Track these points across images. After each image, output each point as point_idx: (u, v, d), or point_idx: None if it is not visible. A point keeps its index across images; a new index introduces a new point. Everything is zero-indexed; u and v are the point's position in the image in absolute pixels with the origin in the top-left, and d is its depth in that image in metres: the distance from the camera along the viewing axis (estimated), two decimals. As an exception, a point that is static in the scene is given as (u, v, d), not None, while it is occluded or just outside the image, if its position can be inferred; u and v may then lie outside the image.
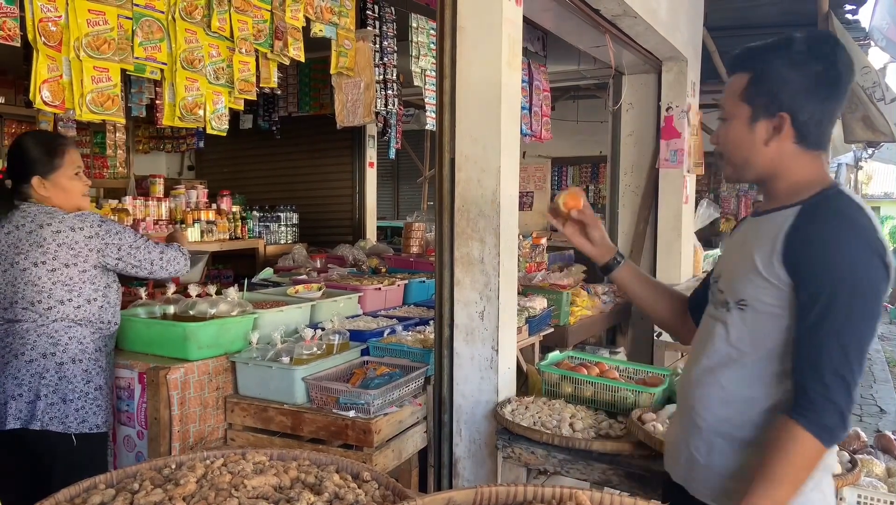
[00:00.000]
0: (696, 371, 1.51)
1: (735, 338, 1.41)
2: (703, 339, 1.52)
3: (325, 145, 6.62)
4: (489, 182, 2.65)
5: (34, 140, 2.34)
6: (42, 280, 2.17)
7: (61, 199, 2.29)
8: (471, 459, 2.76)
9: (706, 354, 1.47)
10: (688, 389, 1.54)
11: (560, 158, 10.72)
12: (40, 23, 2.00)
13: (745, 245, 1.44)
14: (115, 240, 2.26)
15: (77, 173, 2.33)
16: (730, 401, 1.42)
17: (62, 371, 2.19)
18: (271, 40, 2.66)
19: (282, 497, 1.07)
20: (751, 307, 1.38)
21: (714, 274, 1.58)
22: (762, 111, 1.39)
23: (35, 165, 2.26)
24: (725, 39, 5.97)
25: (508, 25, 2.64)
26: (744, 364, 1.40)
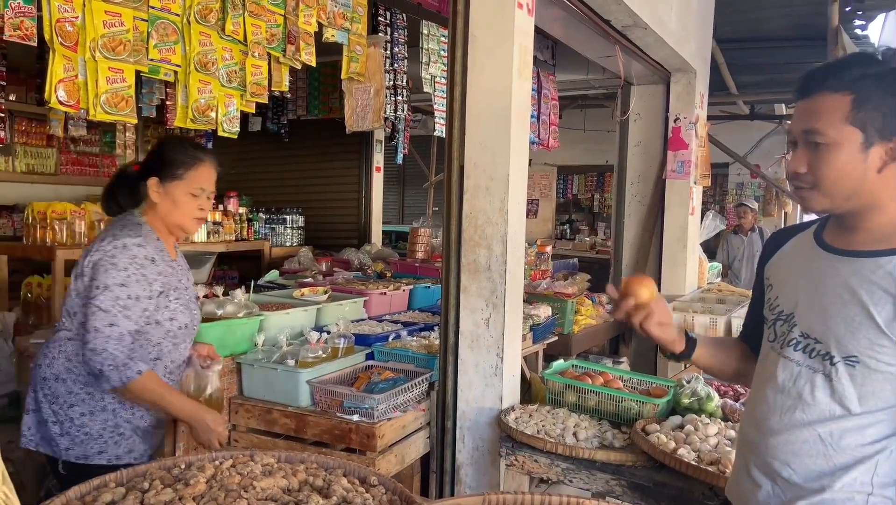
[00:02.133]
0: (785, 421, 1.36)
1: (842, 395, 1.29)
2: (787, 386, 1.37)
3: (332, 149, 6.64)
4: (498, 190, 2.66)
5: (174, 144, 2.18)
6: (70, 287, 1.99)
7: (169, 210, 2.07)
8: (473, 465, 2.76)
9: (801, 408, 1.34)
10: (769, 439, 1.39)
11: (566, 167, 10.75)
12: (57, 23, 2.02)
13: (845, 289, 1.30)
14: (101, 269, 1.90)
15: (197, 194, 2.10)
16: (830, 456, 1.31)
17: (45, 388, 1.95)
18: (284, 44, 2.68)
19: (291, 499, 1.08)
20: (863, 364, 1.26)
21: (781, 309, 1.43)
22: (877, 136, 1.25)
23: (161, 167, 2.09)
24: (734, 52, 5.99)
25: (520, 35, 2.66)
26: (850, 420, 1.30)
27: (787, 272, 1.45)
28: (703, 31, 5.12)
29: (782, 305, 1.42)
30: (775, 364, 1.40)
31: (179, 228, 2.13)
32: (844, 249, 1.34)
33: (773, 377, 1.39)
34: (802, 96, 1.32)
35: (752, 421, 1.46)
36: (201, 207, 2.13)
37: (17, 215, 6.07)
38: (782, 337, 1.40)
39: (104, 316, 1.85)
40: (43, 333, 3.03)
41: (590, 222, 11.00)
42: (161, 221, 2.09)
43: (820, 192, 1.30)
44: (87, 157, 6.74)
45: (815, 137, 1.28)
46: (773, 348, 1.42)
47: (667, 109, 5.15)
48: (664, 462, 2.15)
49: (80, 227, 4.14)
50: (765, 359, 1.46)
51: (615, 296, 1.58)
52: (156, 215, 2.08)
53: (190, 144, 2.25)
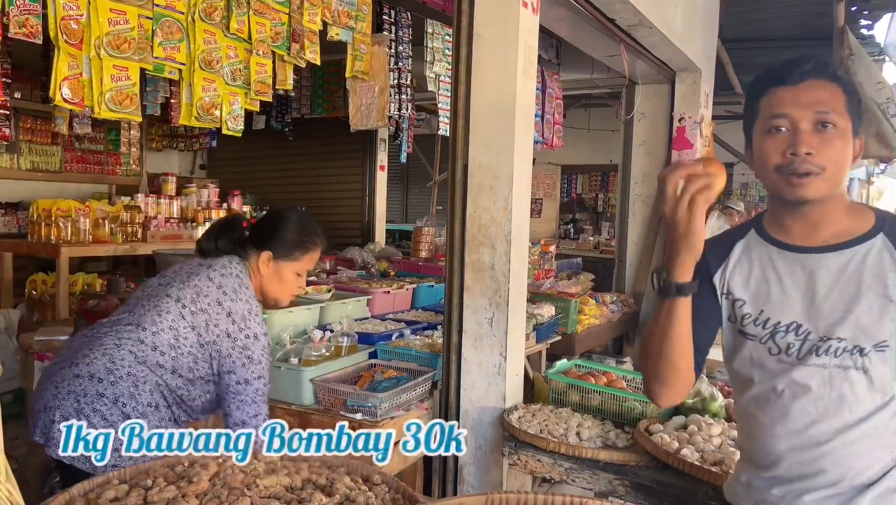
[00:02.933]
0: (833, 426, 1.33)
1: (881, 382, 1.30)
2: (823, 392, 1.34)
3: (336, 148, 6.65)
4: (502, 189, 2.66)
5: (296, 222, 2.15)
6: (162, 315, 1.91)
7: (273, 285, 2.10)
8: (476, 465, 2.76)
9: (848, 407, 1.32)
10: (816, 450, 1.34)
11: (570, 166, 10.73)
12: (62, 21, 2.02)
13: (850, 282, 1.31)
14: (238, 359, 1.93)
15: (302, 275, 2.14)
16: (887, 444, 1.32)
17: (99, 404, 1.82)
18: (288, 43, 2.68)
19: (293, 497, 1.08)
20: (891, 347, 1.29)
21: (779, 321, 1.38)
22: (856, 129, 1.33)
23: (278, 244, 2.08)
24: (739, 51, 5.97)
25: (525, 34, 2.65)
26: (893, 404, 1.31)
27: (759, 284, 1.40)
28: (708, 31, 5.10)
29: (776, 316, 1.38)
30: (800, 376, 1.35)
31: (274, 302, 2.15)
32: (821, 247, 1.34)
33: (802, 389, 1.34)
34: (793, 81, 1.33)
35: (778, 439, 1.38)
36: (300, 286, 2.17)
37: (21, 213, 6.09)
38: (794, 347, 1.36)
39: (250, 409, 1.95)
40: (47, 330, 3.04)
41: (594, 222, 10.98)
42: (255, 285, 2.08)
43: (824, 178, 1.30)
44: (91, 154, 6.77)
45: (827, 119, 1.28)
46: (784, 361, 1.37)
47: (671, 109, 5.14)
48: (667, 462, 2.15)
49: (84, 225, 4.16)
50: (773, 376, 1.38)
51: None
52: (255, 282, 2.08)
53: (312, 224, 2.21)
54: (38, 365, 2.86)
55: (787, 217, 1.38)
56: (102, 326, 1.97)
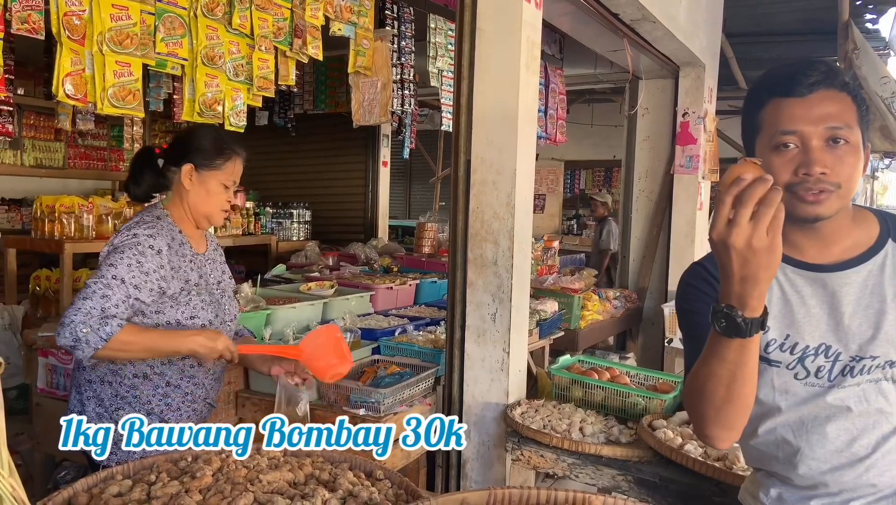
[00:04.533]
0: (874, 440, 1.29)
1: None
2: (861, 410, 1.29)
3: (339, 144, 6.64)
4: (504, 184, 2.65)
5: (209, 132, 2.11)
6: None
7: (201, 199, 2.03)
8: (479, 460, 2.76)
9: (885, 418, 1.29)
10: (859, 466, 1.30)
11: (573, 162, 10.72)
12: (65, 16, 2.02)
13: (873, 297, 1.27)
14: (104, 256, 1.87)
15: (228, 186, 2.07)
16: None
17: (90, 390, 1.91)
18: (291, 38, 2.67)
19: (296, 493, 1.08)
20: None
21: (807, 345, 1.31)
22: (867, 136, 1.27)
23: (196, 154, 2.02)
24: (744, 46, 5.95)
25: (527, 28, 2.64)
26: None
27: (783, 304, 1.33)
28: (712, 25, 5.08)
29: (804, 340, 1.31)
30: (835, 398, 1.30)
31: (206, 219, 2.07)
32: (838, 262, 1.29)
33: (839, 410, 1.29)
34: (802, 93, 1.23)
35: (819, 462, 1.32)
36: (229, 199, 2.10)
37: (25, 209, 6.10)
38: (826, 370, 1.30)
39: (82, 292, 1.76)
40: (51, 326, 3.04)
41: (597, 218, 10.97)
42: (188, 211, 2.03)
43: (839, 195, 1.23)
44: (94, 150, 6.76)
45: (840, 134, 1.21)
46: (815, 385, 1.31)
47: (675, 104, 5.13)
48: (671, 458, 2.15)
49: (87, 221, 4.16)
50: (805, 400, 1.31)
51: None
52: (182, 204, 2.02)
53: (225, 133, 2.19)
54: (41, 361, 2.87)
55: (798, 234, 1.30)
56: None
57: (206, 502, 1.02)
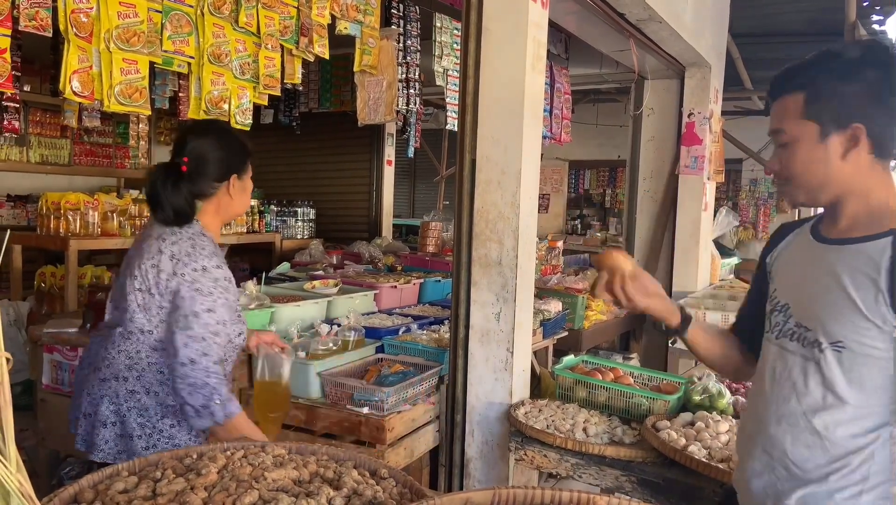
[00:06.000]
0: (782, 411, 1.38)
1: (831, 381, 1.31)
2: (783, 376, 1.39)
3: (343, 142, 6.64)
4: (509, 184, 2.65)
5: (234, 137, 2.02)
6: (129, 297, 1.85)
7: (240, 203, 1.99)
8: (482, 459, 2.76)
9: (796, 396, 1.36)
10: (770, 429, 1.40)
11: (578, 161, 10.71)
12: (72, 14, 2.03)
13: (831, 276, 1.31)
14: (187, 292, 1.79)
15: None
16: (828, 448, 1.32)
17: (132, 400, 1.83)
18: (297, 37, 2.68)
19: (301, 491, 1.08)
20: (848, 349, 1.28)
21: (778, 300, 1.44)
22: (833, 125, 1.31)
23: (236, 165, 1.95)
24: (750, 46, 5.94)
25: (533, 28, 2.64)
26: (844, 410, 1.30)
27: (787, 264, 1.48)
28: (718, 26, 5.07)
29: (780, 296, 1.45)
30: (774, 355, 1.42)
31: (235, 217, 2.04)
32: (831, 238, 1.38)
33: (772, 369, 1.42)
34: (772, 100, 1.43)
35: (754, 412, 1.48)
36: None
37: (31, 205, 6.13)
38: (778, 327, 1.42)
39: (199, 345, 1.76)
40: (56, 322, 3.06)
41: (601, 218, 10.96)
42: (220, 217, 1.98)
43: (794, 186, 1.38)
44: (100, 147, 6.78)
45: (779, 137, 1.38)
46: (771, 339, 1.44)
47: (681, 104, 5.12)
48: (674, 459, 2.14)
49: (93, 218, 4.17)
50: (766, 351, 1.47)
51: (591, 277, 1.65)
52: (218, 212, 1.96)
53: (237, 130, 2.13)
54: (46, 357, 2.88)
55: (825, 211, 1.43)
56: (110, 326, 1.95)
57: (211, 499, 1.02)
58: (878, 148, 1.31)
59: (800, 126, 1.34)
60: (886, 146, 1.32)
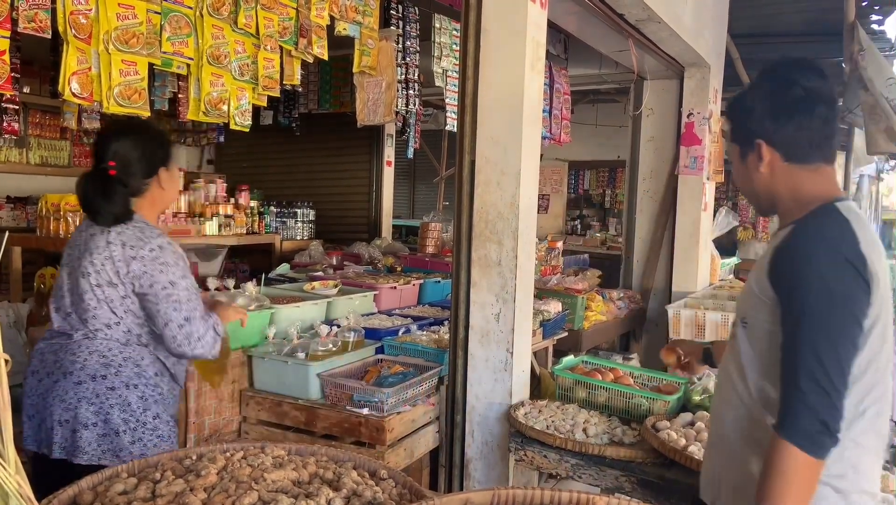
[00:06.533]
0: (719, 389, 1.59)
1: (740, 353, 1.46)
2: (723, 360, 1.59)
3: (343, 143, 6.64)
4: (509, 185, 2.65)
5: (156, 131, 2.09)
6: (87, 295, 1.89)
7: (172, 191, 2.07)
8: (482, 460, 2.76)
9: (726, 371, 1.54)
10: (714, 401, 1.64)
11: (577, 162, 10.70)
12: (71, 15, 2.03)
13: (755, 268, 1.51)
14: (155, 271, 1.88)
15: None
16: (741, 407, 1.46)
17: (112, 397, 1.86)
18: (296, 38, 2.68)
19: (301, 492, 1.08)
20: (750, 325, 1.45)
21: None
22: (746, 145, 1.50)
23: (164, 157, 2.02)
24: (749, 47, 5.93)
25: (533, 28, 2.64)
26: (746, 372, 1.45)
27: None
28: (717, 26, 5.07)
29: None
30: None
31: (169, 206, 2.12)
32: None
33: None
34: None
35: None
36: None
37: (30, 207, 6.12)
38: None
39: (187, 305, 1.91)
40: (56, 324, 3.05)
41: (601, 218, 10.95)
42: (156, 209, 2.06)
43: (747, 199, 1.62)
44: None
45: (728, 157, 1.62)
46: None
47: (680, 104, 5.12)
48: (674, 459, 2.14)
49: (92, 220, 4.16)
50: None
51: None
52: (153, 205, 2.04)
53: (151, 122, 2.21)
54: (46, 358, 2.88)
55: None
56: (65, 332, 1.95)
57: (210, 501, 1.02)
58: (787, 154, 1.44)
59: (731, 149, 1.55)
60: (795, 151, 1.44)
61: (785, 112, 1.43)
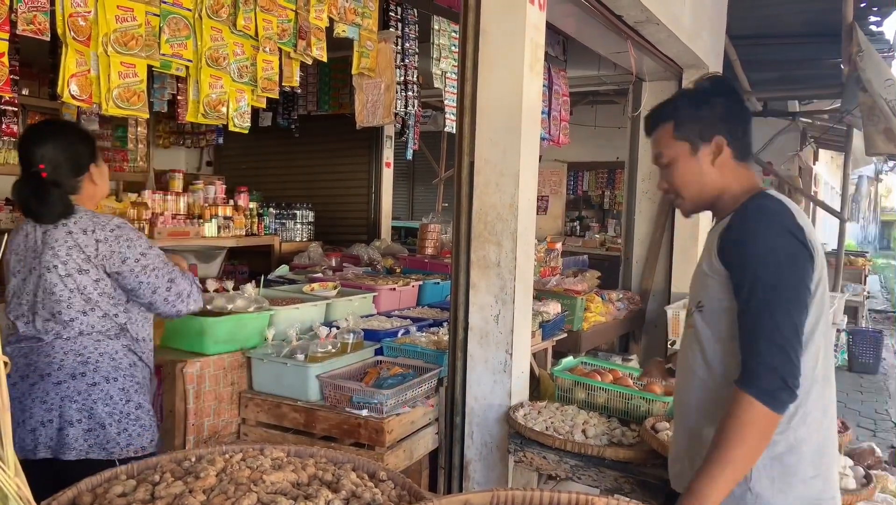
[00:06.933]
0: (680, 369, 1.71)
1: (700, 336, 1.57)
2: (682, 348, 1.71)
3: (342, 144, 6.64)
4: (508, 186, 2.65)
5: (78, 128, 2.17)
6: (58, 287, 1.92)
7: (104, 183, 2.14)
8: (482, 462, 2.76)
9: (686, 359, 1.65)
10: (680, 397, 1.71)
11: (576, 163, 10.71)
12: (70, 17, 2.03)
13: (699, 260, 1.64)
14: (123, 248, 1.96)
15: None
16: (703, 390, 1.57)
17: (94, 393, 1.92)
18: (295, 40, 2.68)
19: (300, 493, 1.08)
20: (707, 306, 1.56)
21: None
22: (699, 140, 1.61)
23: (91, 151, 2.08)
24: (748, 48, 5.94)
25: (531, 30, 2.65)
26: (707, 355, 1.56)
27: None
28: (716, 27, 5.08)
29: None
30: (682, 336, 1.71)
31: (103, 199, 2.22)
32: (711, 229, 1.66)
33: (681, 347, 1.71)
34: (648, 135, 1.72)
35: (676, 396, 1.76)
36: None
37: (29, 209, 6.10)
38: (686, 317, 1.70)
39: (167, 269, 2.03)
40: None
41: (600, 219, 10.94)
42: (93, 203, 2.12)
43: (683, 198, 1.68)
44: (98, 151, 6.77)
45: (660, 160, 1.67)
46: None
47: (678, 106, 5.11)
48: (673, 460, 2.14)
49: (91, 221, 4.16)
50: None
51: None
52: (92, 199, 2.11)
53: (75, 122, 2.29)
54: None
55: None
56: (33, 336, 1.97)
57: (209, 502, 1.02)
58: (738, 152, 1.62)
59: (674, 147, 1.64)
60: (744, 150, 1.64)
61: (740, 116, 1.63)
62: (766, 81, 7.28)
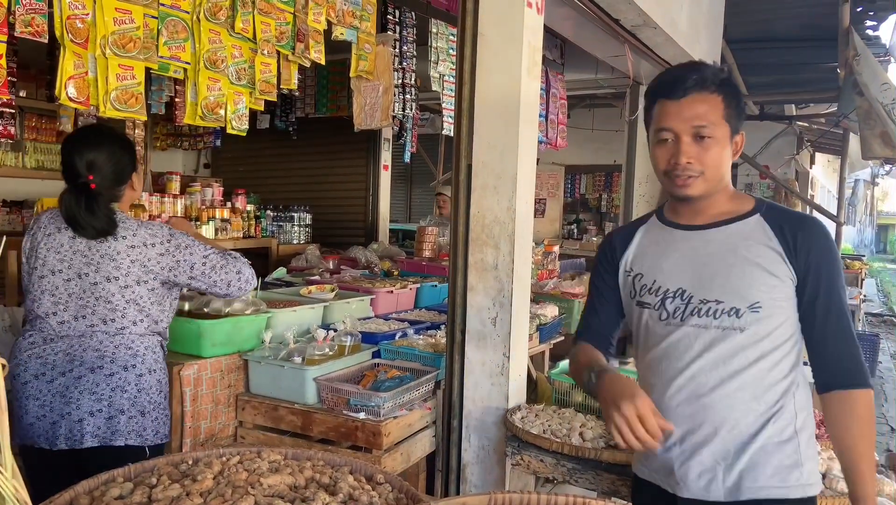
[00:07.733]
0: (712, 380, 1.52)
1: (755, 338, 1.50)
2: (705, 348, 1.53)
3: (340, 147, 6.65)
4: (505, 189, 2.66)
5: (122, 137, 2.21)
6: (115, 298, 2.03)
7: (140, 191, 2.24)
8: (479, 465, 2.76)
9: (723, 363, 1.51)
10: (697, 402, 1.53)
11: (574, 166, 10.73)
12: (68, 20, 2.03)
13: (730, 253, 1.52)
14: (186, 256, 2.11)
15: None
16: (759, 396, 1.50)
17: (141, 383, 2.06)
18: (293, 42, 2.68)
19: (297, 496, 1.08)
20: (765, 307, 1.49)
21: (666, 289, 1.58)
22: (734, 131, 1.55)
23: (133, 159, 2.17)
24: (745, 52, 5.97)
25: (529, 33, 2.65)
26: (766, 359, 1.50)
27: (654, 258, 1.64)
28: (713, 31, 5.09)
29: (665, 284, 1.59)
30: (682, 335, 1.55)
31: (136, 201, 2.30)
32: (703, 224, 1.58)
33: (686, 347, 1.55)
34: (677, 97, 1.51)
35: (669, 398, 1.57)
36: None
37: (26, 211, 6.10)
38: (680, 311, 1.56)
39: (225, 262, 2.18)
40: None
41: (597, 222, 10.96)
42: (127, 207, 2.23)
43: (704, 178, 1.52)
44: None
45: (704, 132, 1.49)
46: (671, 323, 1.57)
47: (676, 109, 5.12)
48: (671, 463, 2.14)
49: (89, 224, 4.15)
50: (662, 338, 1.59)
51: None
52: (128, 203, 2.22)
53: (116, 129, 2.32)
54: (42, 363, 2.87)
55: (679, 206, 1.63)
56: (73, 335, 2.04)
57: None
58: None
59: (721, 127, 1.51)
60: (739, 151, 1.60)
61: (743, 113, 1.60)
62: (762, 85, 7.31)
